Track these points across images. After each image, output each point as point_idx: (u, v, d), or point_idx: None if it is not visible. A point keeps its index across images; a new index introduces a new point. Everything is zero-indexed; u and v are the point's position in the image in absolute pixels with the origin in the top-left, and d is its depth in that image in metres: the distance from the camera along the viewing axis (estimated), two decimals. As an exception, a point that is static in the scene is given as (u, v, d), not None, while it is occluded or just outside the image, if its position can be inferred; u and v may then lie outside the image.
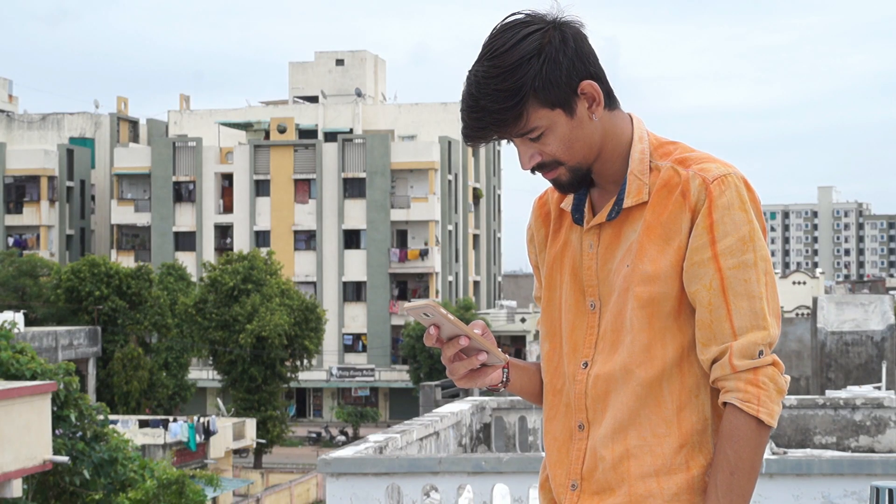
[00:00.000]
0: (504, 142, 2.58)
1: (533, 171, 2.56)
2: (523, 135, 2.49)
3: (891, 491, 7.99)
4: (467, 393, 20.20)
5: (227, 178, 74.15)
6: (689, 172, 2.50)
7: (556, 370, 2.66)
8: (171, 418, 43.94)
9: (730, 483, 2.46)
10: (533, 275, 2.83)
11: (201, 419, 44.37)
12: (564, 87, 2.47)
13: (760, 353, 2.45)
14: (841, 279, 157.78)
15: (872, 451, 15.20)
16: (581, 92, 2.48)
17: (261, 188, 73.60)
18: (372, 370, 70.50)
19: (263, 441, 51.50)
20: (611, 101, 2.55)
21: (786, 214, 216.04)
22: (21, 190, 75.19)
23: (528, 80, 2.44)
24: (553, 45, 2.46)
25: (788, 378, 2.50)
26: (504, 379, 2.68)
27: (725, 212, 2.46)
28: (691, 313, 2.51)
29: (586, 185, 2.59)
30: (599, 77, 2.51)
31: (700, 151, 2.57)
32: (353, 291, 72.64)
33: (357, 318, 72.23)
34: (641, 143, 2.56)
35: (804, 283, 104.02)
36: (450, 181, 73.95)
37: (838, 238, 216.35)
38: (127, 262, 66.93)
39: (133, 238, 76.77)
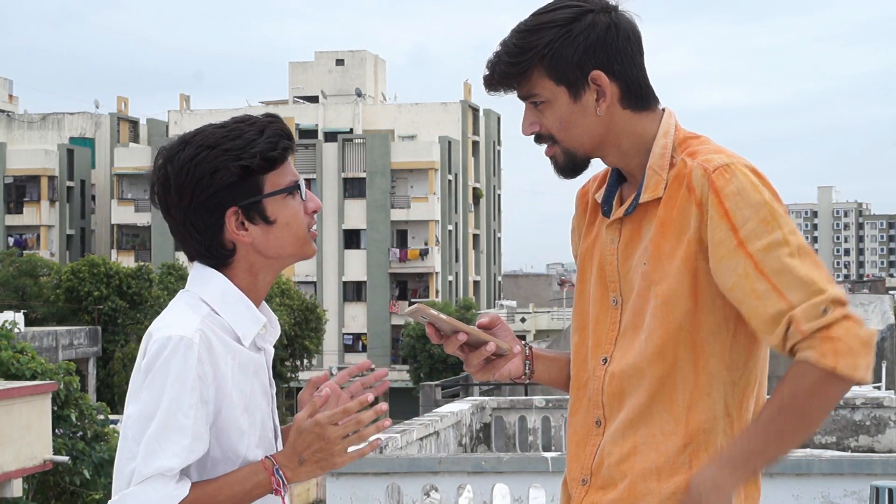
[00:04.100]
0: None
1: (536, 141, 2.56)
2: (526, 98, 2.52)
3: (891, 491, 8.00)
4: (467, 393, 20.19)
5: (228, 178, 74.03)
6: (693, 164, 2.46)
7: (583, 364, 2.64)
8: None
9: (771, 419, 2.36)
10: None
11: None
12: (573, 68, 2.47)
13: (825, 311, 2.33)
14: (841, 279, 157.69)
15: (872, 450, 15.19)
16: (592, 81, 2.47)
17: (261, 188, 73.47)
18: (372, 370, 70.29)
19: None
20: (639, 102, 2.52)
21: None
22: (21, 190, 75.15)
23: (540, 45, 2.46)
24: (580, 25, 2.46)
25: (875, 330, 2.36)
26: (526, 371, 2.70)
27: (738, 198, 2.39)
28: (710, 310, 2.45)
29: (581, 172, 2.58)
30: (625, 76, 2.48)
31: (716, 145, 2.52)
32: (353, 291, 72.61)
33: (357, 318, 72.21)
34: (665, 137, 2.53)
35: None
36: (450, 181, 73.91)
37: (838, 238, 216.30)
38: (127, 262, 66.87)
39: (133, 238, 76.73)
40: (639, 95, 2.51)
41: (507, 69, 2.49)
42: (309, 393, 2.57)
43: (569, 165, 2.55)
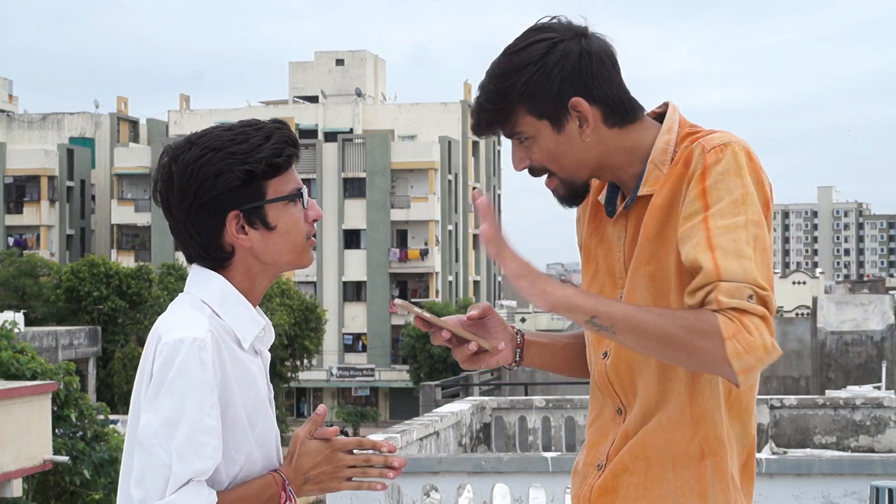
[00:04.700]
0: (503, 142, 2.61)
1: (531, 174, 2.58)
2: (511, 136, 2.54)
3: (891, 491, 8.01)
4: (467, 393, 20.21)
5: (227, 178, 74.03)
6: (694, 144, 2.48)
7: (591, 355, 2.69)
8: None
9: (649, 311, 2.38)
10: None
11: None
12: (553, 101, 2.48)
13: (750, 297, 2.34)
14: (841, 279, 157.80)
15: (872, 450, 15.20)
16: (572, 108, 2.48)
17: (261, 188, 73.47)
18: (372, 370, 70.49)
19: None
20: (624, 118, 2.53)
21: (786, 214, 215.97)
22: (21, 190, 75.16)
23: (518, 86, 2.48)
24: (553, 57, 2.48)
25: (780, 351, 2.35)
26: (517, 359, 2.74)
27: (720, 177, 2.40)
28: None
29: (583, 198, 2.60)
30: (605, 98, 2.50)
31: (721, 130, 2.53)
32: (353, 291, 72.62)
33: (357, 318, 72.22)
34: (669, 133, 2.54)
35: (804, 282, 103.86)
36: (450, 181, 73.94)
37: (838, 238, 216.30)
38: (127, 262, 66.90)
39: (133, 238, 76.75)
40: (623, 112, 2.52)
41: (491, 117, 2.52)
42: (307, 430, 2.56)
43: (570, 194, 2.58)
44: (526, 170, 2.56)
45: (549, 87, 2.47)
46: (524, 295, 2.38)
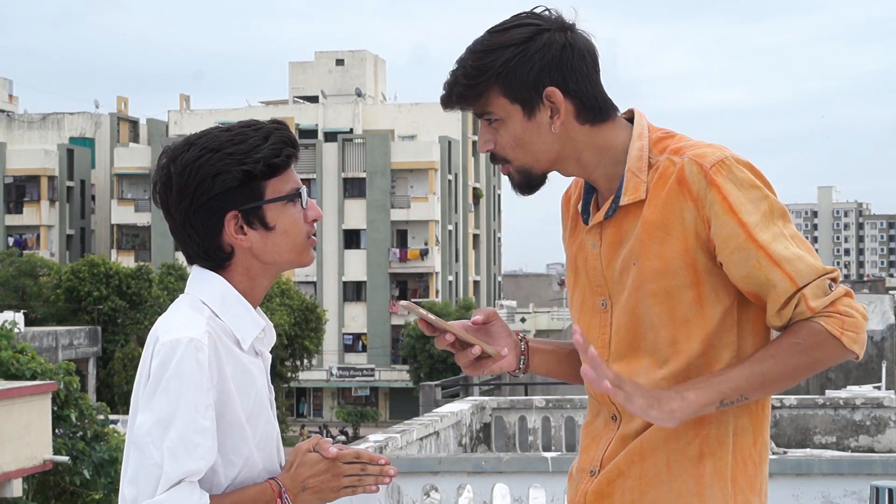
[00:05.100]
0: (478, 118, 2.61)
1: (491, 160, 2.60)
2: (482, 116, 2.55)
3: (891, 491, 8.01)
4: (467, 393, 20.21)
5: (227, 178, 74.00)
6: (683, 160, 2.48)
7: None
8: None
9: (761, 360, 2.43)
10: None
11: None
12: (529, 87, 2.49)
13: (831, 286, 2.43)
14: (841, 279, 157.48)
15: (872, 450, 15.20)
16: (546, 98, 2.49)
17: (261, 188, 73.44)
18: (372, 370, 70.47)
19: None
20: (597, 116, 2.53)
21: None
22: (21, 190, 75.16)
23: (496, 66, 2.48)
24: (536, 44, 2.48)
25: (864, 306, 2.47)
26: (521, 365, 2.73)
27: (740, 193, 2.44)
28: (713, 302, 2.49)
29: (537, 188, 2.60)
30: (580, 94, 2.50)
31: (695, 140, 2.55)
32: (353, 291, 72.63)
33: (357, 318, 72.22)
34: (641, 139, 2.55)
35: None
36: (450, 181, 73.93)
37: (838, 238, 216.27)
38: (127, 262, 66.89)
39: (133, 238, 76.75)
40: (595, 110, 2.53)
41: (465, 91, 2.52)
42: (310, 444, 2.57)
43: (525, 182, 2.58)
44: (488, 153, 2.58)
45: (527, 72, 2.48)
46: (654, 421, 2.42)
